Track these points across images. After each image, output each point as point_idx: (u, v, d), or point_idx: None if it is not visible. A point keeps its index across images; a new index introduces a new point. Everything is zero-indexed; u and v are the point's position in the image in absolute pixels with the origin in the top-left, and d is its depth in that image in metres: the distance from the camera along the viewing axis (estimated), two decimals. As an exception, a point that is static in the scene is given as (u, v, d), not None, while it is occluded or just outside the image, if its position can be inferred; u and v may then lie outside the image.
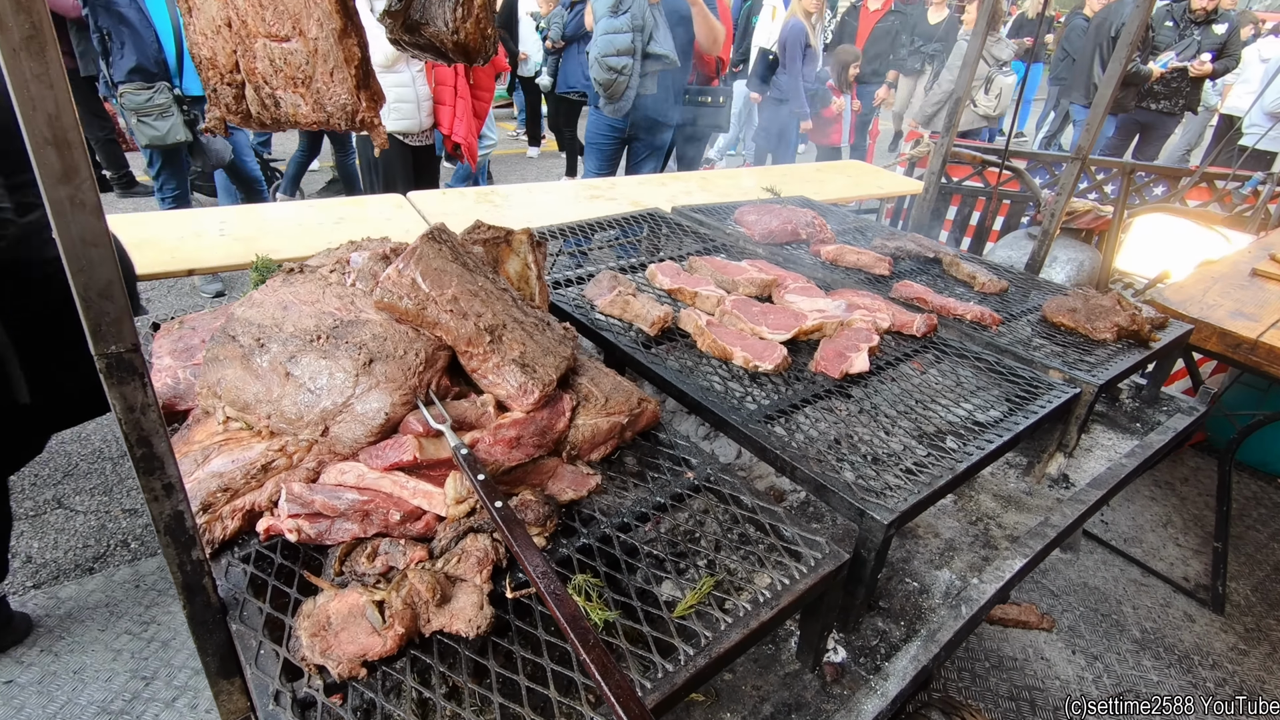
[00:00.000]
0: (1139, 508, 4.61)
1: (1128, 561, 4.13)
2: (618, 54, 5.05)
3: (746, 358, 2.10)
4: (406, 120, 4.97)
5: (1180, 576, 4.03)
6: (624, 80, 5.14)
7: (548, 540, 1.45)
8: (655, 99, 5.46)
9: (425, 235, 1.66)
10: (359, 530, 1.41)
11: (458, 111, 5.13)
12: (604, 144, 5.80)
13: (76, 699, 2.84)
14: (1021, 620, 3.61)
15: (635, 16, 4.85)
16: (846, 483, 1.64)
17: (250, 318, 1.57)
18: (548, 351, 1.66)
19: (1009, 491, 2.26)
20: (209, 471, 1.46)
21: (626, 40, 4.94)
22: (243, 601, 1.32)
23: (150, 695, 2.88)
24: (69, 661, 3.00)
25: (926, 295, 2.64)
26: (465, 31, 1.46)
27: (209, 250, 3.45)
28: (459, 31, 1.46)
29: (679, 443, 1.78)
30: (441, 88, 5.06)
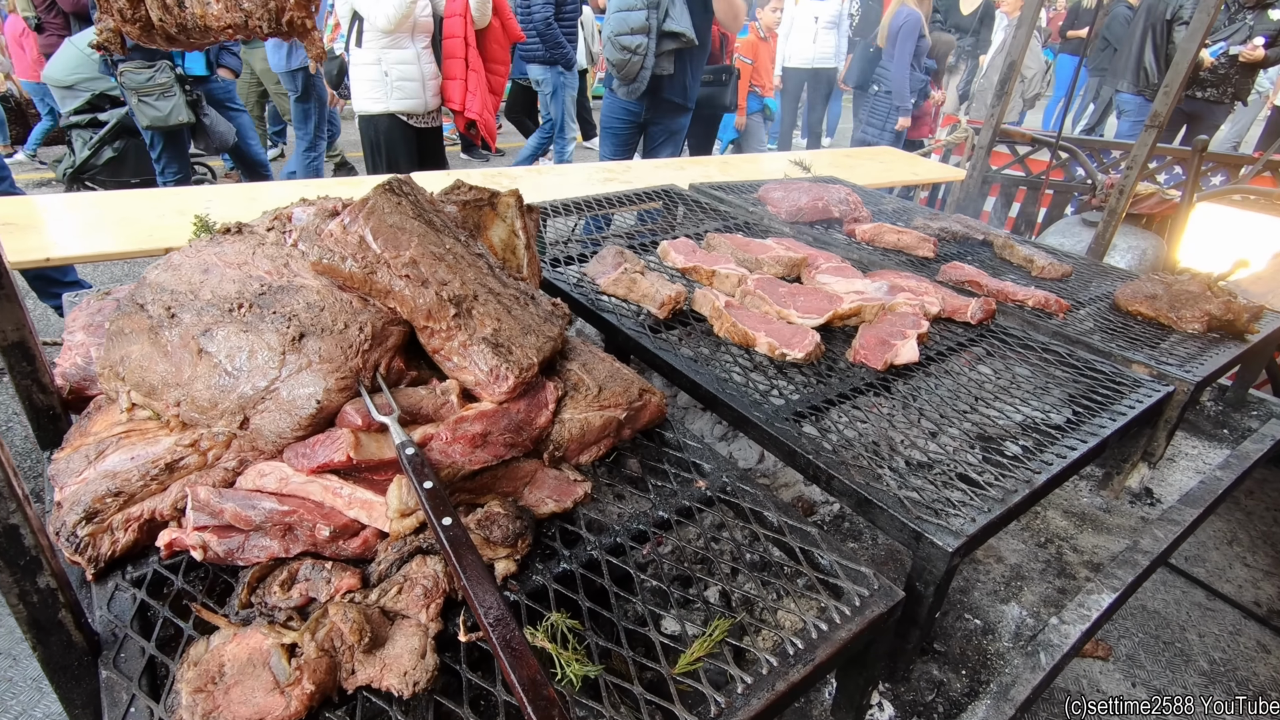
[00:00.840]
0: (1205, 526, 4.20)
1: (1190, 583, 3.73)
2: (632, 32, 4.73)
3: (772, 344, 1.77)
4: (410, 100, 4.69)
5: (1251, 601, 3.62)
6: (638, 60, 4.81)
7: (518, 565, 1.14)
8: (673, 80, 5.12)
9: (381, 185, 1.36)
10: (280, 549, 1.11)
11: (470, 85, 4.84)
12: (619, 129, 5.48)
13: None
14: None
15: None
16: (897, 497, 1.31)
17: (164, 283, 1.28)
18: (529, 330, 1.35)
19: (1082, 508, 1.91)
20: (101, 470, 1.18)
21: (641, 18, 4.62)
22: (122, 639, 1.03)
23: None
24: None
25: (980, 278, 2.29)
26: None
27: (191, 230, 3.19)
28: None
29: (689, 444, 1.46)
30: (450, 61, 4.78)
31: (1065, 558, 1.71)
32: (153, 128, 5.19)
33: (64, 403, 1.40)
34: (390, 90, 4.58)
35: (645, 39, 4.82)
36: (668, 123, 5.44)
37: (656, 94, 5.19)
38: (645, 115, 5.46)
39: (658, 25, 4.77)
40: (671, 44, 4.91)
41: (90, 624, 1.03)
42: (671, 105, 5.31)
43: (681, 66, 5.14)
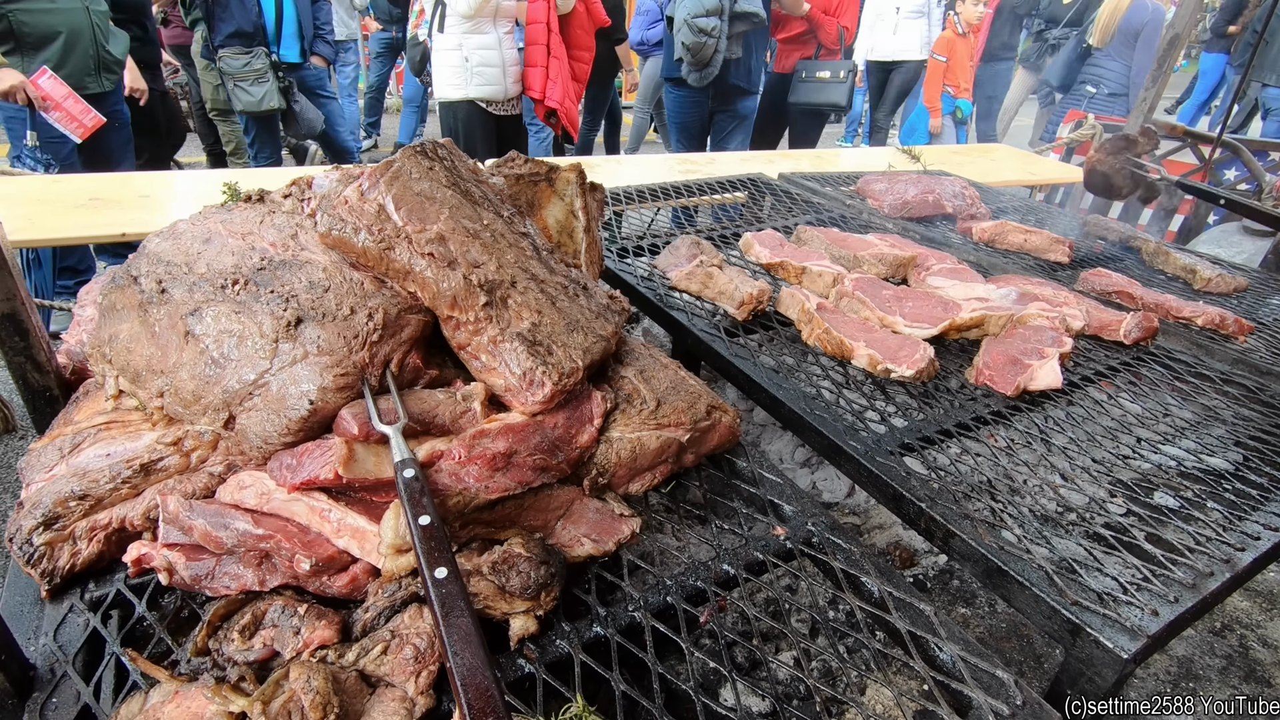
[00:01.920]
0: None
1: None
2: (706, 14, 4.50)
3: (874, 357, 1.46)
4: (490, 86, 4.56)
5: None
6: (712, 43, 4.61)
7: (540, 623, 0.90)
8: (739, 64, 4.87)
9: (410, 147, 1.14)
10: (253, 580, 0.91)
11: (551, 73, 4.67)
12: (689, 120, 5.26)
13: None
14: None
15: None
16: (1043, 570, 0.98)
17: (161, 252, 1.11)
18: (576, 327, 1.10)
19: (1269, 585, 1.50)
20: (72, 467, 1.01)
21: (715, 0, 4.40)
22: (59, 679, 0.85)
23: None
24: None
25: (1132, 289, 1.89)
26: None
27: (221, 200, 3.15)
28: None
29: (766, 477, 1.18)
30: (532, 48, 4.62)
31: (1252, 653, 1.32)
32: (246, 112, 5.30)
33: (63, 383, 1.25)
34: (470, 76, 4.47)
35: (719, 21, 4.62)
36: (735, 108, 5.22)
37: (723, 80, 4.98)
38: (712, 103, 5.25)
39: (730, 6, 4.56)
40: (741, 25, 4.69)
41: (22, 656, 0.85)
42: (737, 90, 5.11)
43: (748, 49, 4.92)
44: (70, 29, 3.82)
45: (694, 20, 4.58)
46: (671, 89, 5.29)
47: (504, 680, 0.84)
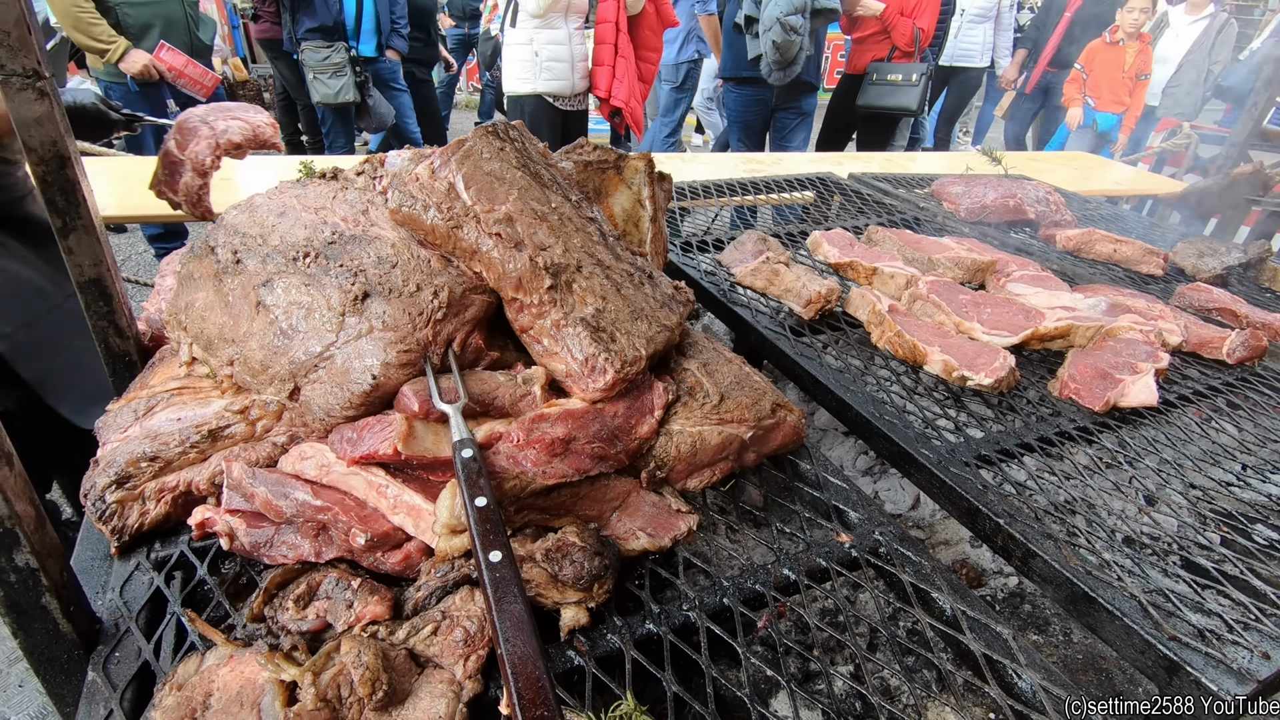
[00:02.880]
0: None
1: None
2: (795, 11, 4.45)
3: (949, 363, 1.39)
4: (558, 81, 4.59)
5: None
6: (798, 40, 4.57)
7: (591, 616, 0.87)
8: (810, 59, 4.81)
9: (483, 127, 1.13)
10: (310, 550, 0.91)
11: (618, 72, 4.68)
12: (751, 117, 5.22)
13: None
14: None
15: None
16: (1137, 600, 0.90)
17: (238, 224, 1.13)
18: (639, 315, 1.07)
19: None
20: (145, 429, 1.03)
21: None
22: (122, 633, 0.86)
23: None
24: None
25: (1237, 306, 1.75)
26: None
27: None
28: None
29: (831, 481, 1.12)
30: (600, 47, 4.63)
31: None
32: (323, 103, 5.49)
33: (142, 349, 1.29)
34: (539, 71, 4.52)
35: (803, 19, 4.56)
36: (799, 105, 5.16)
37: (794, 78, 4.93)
38: (776, 101, 5.19)
39: (811, 3, 4.50)
40: (820, 21, 4.64)
41: (91, 610, 0.87)
42: (805, 86, 5.06)
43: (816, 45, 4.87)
44: (166, 19, 4.07)
45: (787, 19, 4.56)
46: (733, 88, 5.25)
47: (553, 671, 0.82)
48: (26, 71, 1.02)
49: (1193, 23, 7.79)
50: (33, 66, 1.02)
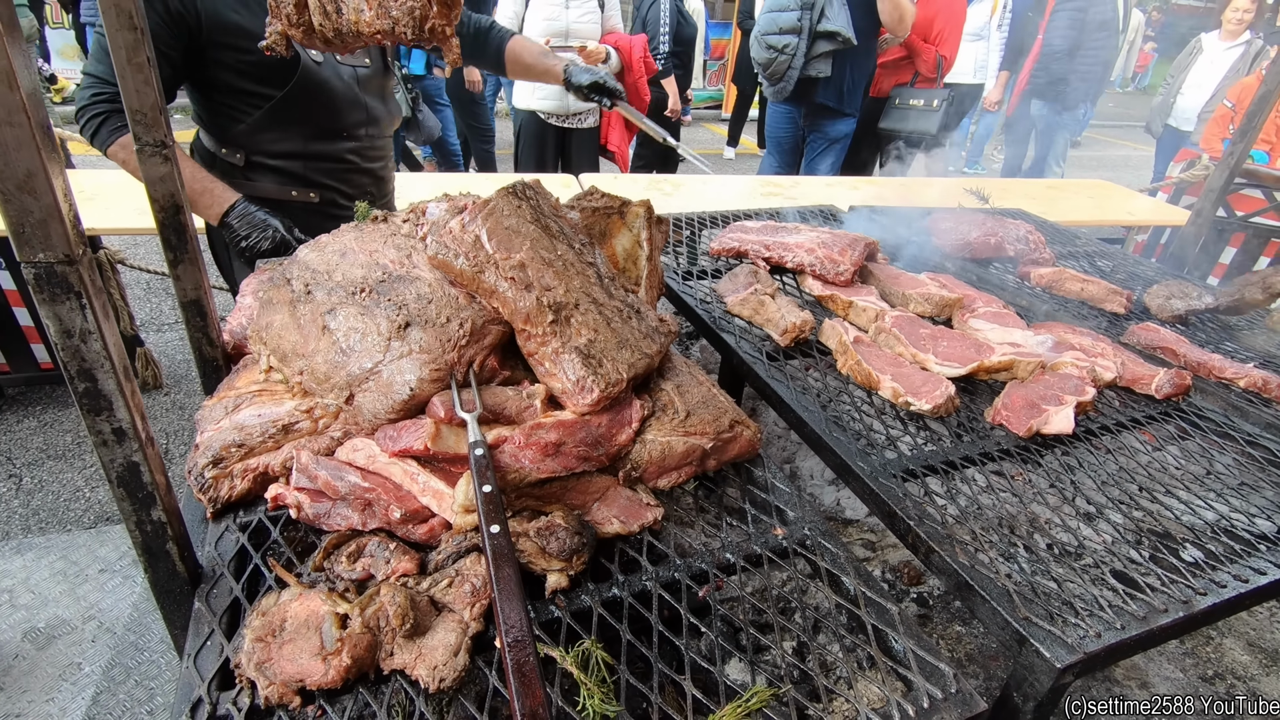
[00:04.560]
0: None
1: None
2: (780, 32, 4.64)
3: (896, 390, 1.62)
4: (550, 100, 4.95)
5: None
6: (785, 59, 4.71)
7: (570, 581, 1.13)
8: (829, 83, 4.90)
9: (505, 189, 1.40)
10: (359, 521, 1.19)
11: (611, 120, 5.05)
12: (780, 135, 5.40)
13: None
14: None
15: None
16: (1005, 588, 1.13)
17: (309, 261, 1.42)
18: (625, 345, 1.33)
19: (1276, 644, 1.54)
20: (234, 422, 1.32)
21: (793, 18, 4.50)
22: (218, 576, 1.15)
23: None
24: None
25: (1177, 346, 1.94)
26: None
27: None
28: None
29: (777, 486, 1.36)
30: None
31: (1238, 702, 1.39)
32: None
33: (226, 356, 1.59)
34: (535, 89, 4.86)
35: (795, 39, 4.70)
36: (826, 129, 5.26)
37: (811, 99, 5.04)
38: (804, 122, 5.35)
39: (811, 26, 4.63)
40: (827, 45, 4.73)
41: (197, 558, 1.16)
42: (828, 110, 5.12)
43: (840, 69, 4.92)
44: None
45: (764, 38, 4.76)
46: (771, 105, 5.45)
47: (536, 620, 1.07)
48: (156, 142, 1.32)
49: (1228, 49, 7.78)
50: (161, 138, 1.32)
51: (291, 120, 2.11)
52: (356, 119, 2.23)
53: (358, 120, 2.24)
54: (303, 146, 2.18)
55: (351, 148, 2.28)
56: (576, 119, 5.08)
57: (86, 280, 0.86)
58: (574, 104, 4.97)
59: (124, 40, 1.20)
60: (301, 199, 2.24)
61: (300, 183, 2.23)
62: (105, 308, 0.90)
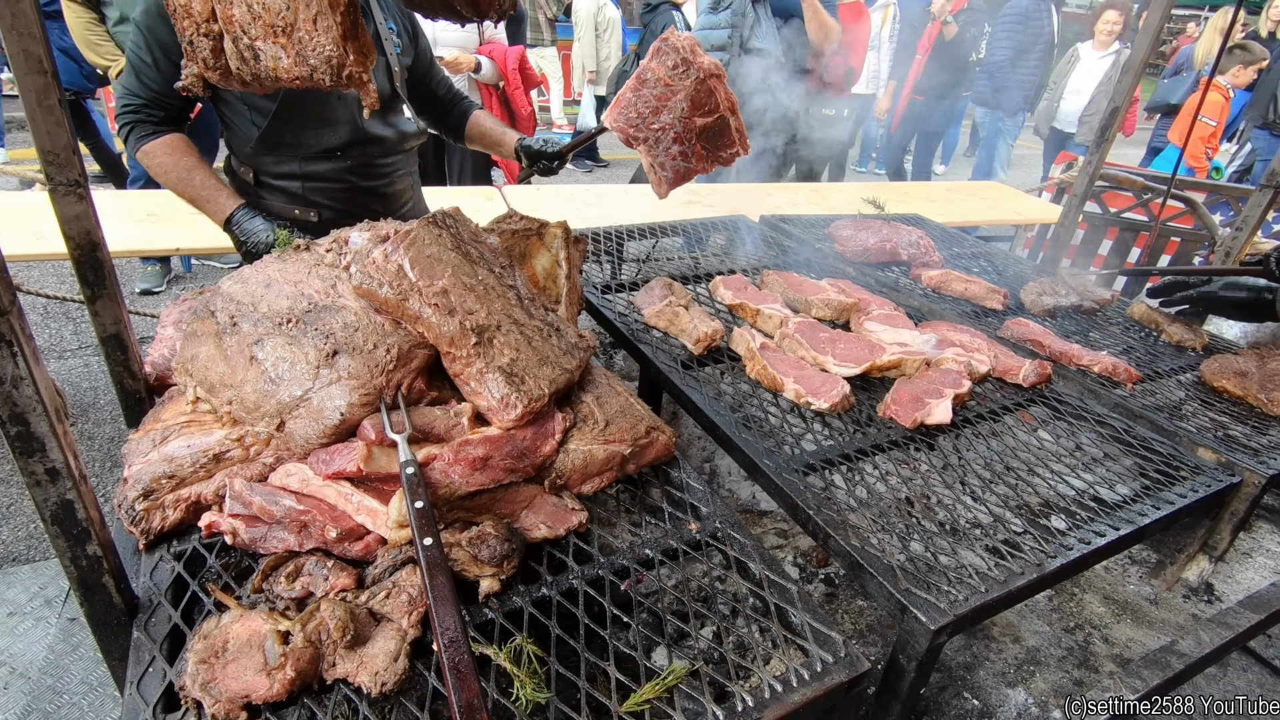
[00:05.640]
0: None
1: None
2: (711, 49, 4.91)
3: (799, 391, 1.77)
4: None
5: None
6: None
7: (502, 585, 1.22)
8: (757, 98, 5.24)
9: (426, 218, 1.48)
10: (295, 542, 1.24)
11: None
12: None
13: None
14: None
15: (735, 12, 4.70)
16: (890, 565, 1.29)
17: (233, 293, 1.46)
18: (546, 362, 1.43)
19: (1127, 596, 1.78)
20: (162, 454, 1.35)
21: (723, 35, 4.80)
22: (156, 605, 1.18)
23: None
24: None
25: (1044, 338, 2.18)
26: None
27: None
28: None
29: (692, 485, 1.49)
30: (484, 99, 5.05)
31: (1093, 647, 1.60)
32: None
33: (149, 388, 1.60)
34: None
35: (725, 55, 4.97)
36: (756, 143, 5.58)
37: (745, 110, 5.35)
38: None
39: (740, 43, 4.90)
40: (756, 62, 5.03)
41: (132, 589, 1.19)
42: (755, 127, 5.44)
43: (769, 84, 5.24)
44: None
45: None
46: None
47: (471, 623, 1.16)
48: (70, 181, 1.33)
49: (1101, 58, 8.49)
50: (74, 178, 1.33)
51: (284, 141, 2.20)
52: (351, 139, 2.26)
53: (353, 140, 2.27)
54: (299, 167, 2.26)
55: (347, 168, 2.32)
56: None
57: (17, 329, 0.90)
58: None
59: (33, 84, 1.22)
60: (303, 218, 2.32)
61: (301, 202, 2.31)
62: (35, 353, 0.94)
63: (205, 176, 2.12)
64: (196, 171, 2.10)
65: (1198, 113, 5.37)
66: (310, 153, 2.23)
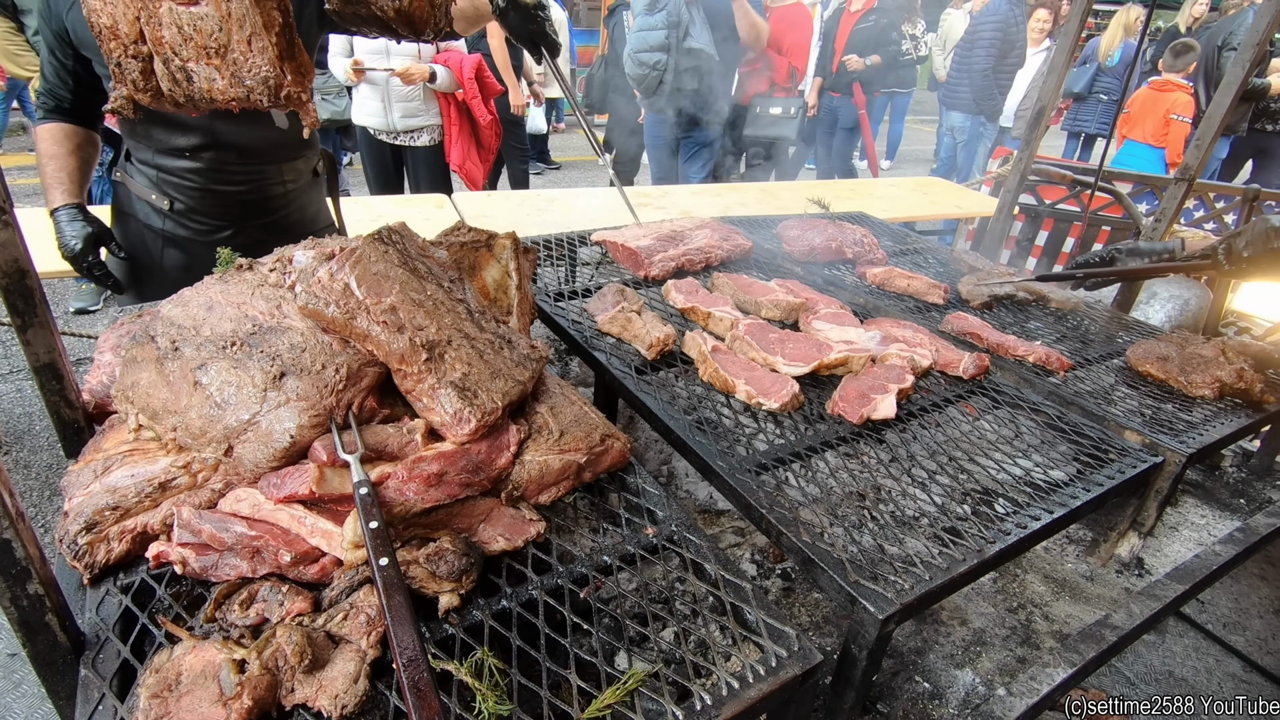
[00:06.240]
0: (1245, 587, 3.97)
1: (1226, 651, 3.53)
2: (651, 50, 5.07)
3: (750, 392, 1.82)
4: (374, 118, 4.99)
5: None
6: (656, 75, 5.22)
7: (462, 600, 1.23)
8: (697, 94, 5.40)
9: (371, 235, 1.47)
10: (248, 569, 1.23)
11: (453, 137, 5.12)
12: (657, 145, 5.90)
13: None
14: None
15: (671, 13, 4.86)
16: (839, 559, 1.34)
17: (173, 317, 1.43)
18: (498, 374, 1.44)
19: (1065, 574, 1.87)
20: (105, 485, 1.32)
21: (661, 36, 4.98)
22: (103, 641, 1.15)
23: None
24: None
25: (982, 331, 2.27)
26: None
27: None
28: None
29: (647, 490, 1.52)
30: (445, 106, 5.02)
31: (1034, 625, 1.68)
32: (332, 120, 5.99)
33: (88, 417, 1.56)
34: (361, 104, 4.91)
35: (664, 55, 5.13)
36: (697, 136, 5.78)
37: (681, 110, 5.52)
38: (677, 131, 5.79)
39: (677, 43, 5.07)
40: (692, 60, 5.20)
41: (78, 625, 1.16)
42: (694, 119, 5.66)
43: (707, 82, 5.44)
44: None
45: (636, 55, 5.13)
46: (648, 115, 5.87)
47: (431, 640, 1.16)
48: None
49: (1034, 54, 8.82)
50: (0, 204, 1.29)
51: (136, 131, 2.21)
52: (202, 143, 2.23)
53: (204, 144, 2.23)
54: (151, 158, 2.28)
55: (198, 169, 2.29)
56: (409, 136, 5.07)
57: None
58: (400, 121, 4.96)
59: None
60: (158, 204, 2.34)
61: (155, 188, 2.34)
62: (-36, 391, 0.91)
63: (55, 169, 2.18)
64: (51, 162, 2.17)
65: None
66: (161, 148, 2.25)
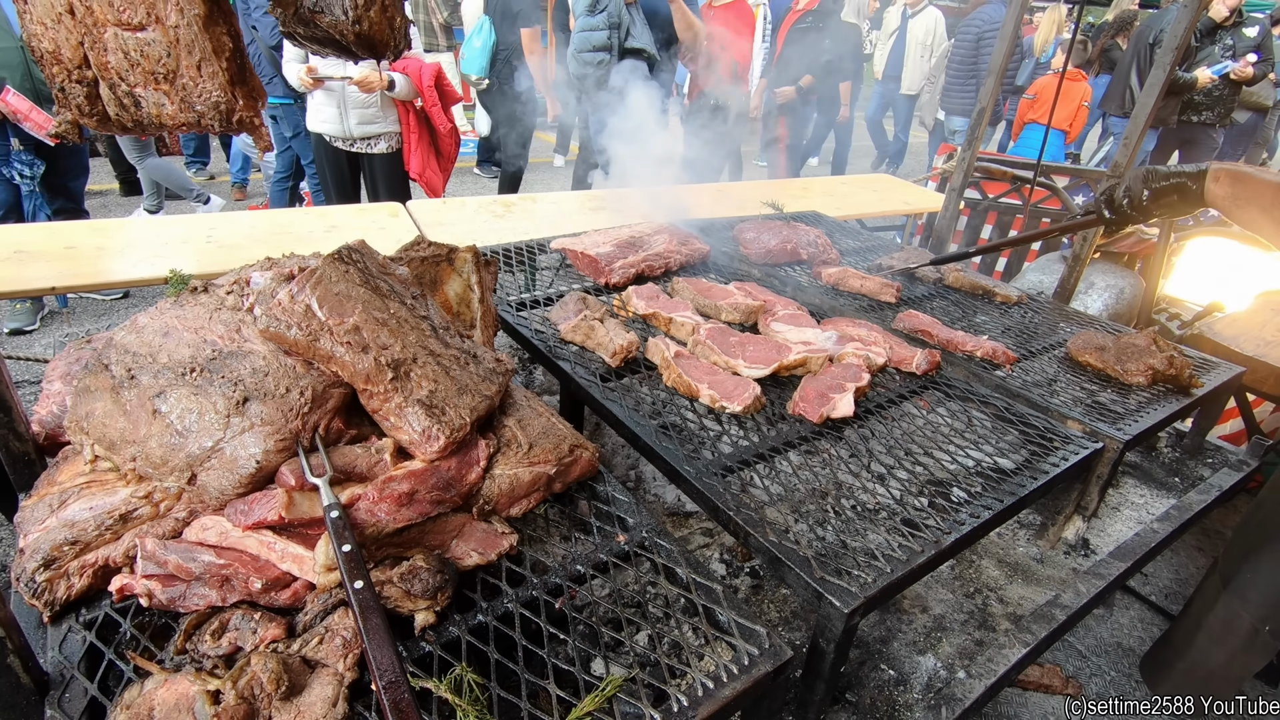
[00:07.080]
0: (1184, 559, 4.19)
1: (1169, 620, 3.73)
2: (593, 49, 5.14)
3: (713, 396, 1.86)
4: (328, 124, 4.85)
5: (1229, 641, 3.61)
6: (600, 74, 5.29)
7: (438, 616, 1.23)
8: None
9: (331, 255, 1.46)
10: (218, 597, 1.21)
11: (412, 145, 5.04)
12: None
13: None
14: (1043, 684, 3.26)
15: (612, 15, 4.95)
16: (805, 556, 1.38)
17: (128, 344, 1.40)
18: (465, 390, 1.45)
19: (1017, 558, 1.96)
20: (62, 519, 1.28)
21: (603, 37, 5.06)
22: (69, 680, 1.13)
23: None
24: None
25: (932, 328, 2.36)
26: (369, 20, 1.27)
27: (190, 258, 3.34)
28: (361, 21, 1.26)
29: (617, 498, 1.55)
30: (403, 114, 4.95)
31: (990, 609, 1.77)
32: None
33: (39, 449, 1.51)
34: (316, 110, 4.81)
35: (607, 55, 5.21)
36: None
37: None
38: None
39: (619, 44, 5.15)
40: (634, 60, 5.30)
41: (41, 665, 1.13)
42: None
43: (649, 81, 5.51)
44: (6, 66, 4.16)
45: (579, 55, 5.20)
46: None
47: (409, 658, 1.17)
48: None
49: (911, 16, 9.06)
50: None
51: None
52: None
53: None
54: None
55: None
56: (365, 144, 4.97)
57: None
58: (357, 128, 4.87)
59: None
60: None
61: None
62: (-85, 434, 0.89)
63: None
64: None
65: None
66: None
